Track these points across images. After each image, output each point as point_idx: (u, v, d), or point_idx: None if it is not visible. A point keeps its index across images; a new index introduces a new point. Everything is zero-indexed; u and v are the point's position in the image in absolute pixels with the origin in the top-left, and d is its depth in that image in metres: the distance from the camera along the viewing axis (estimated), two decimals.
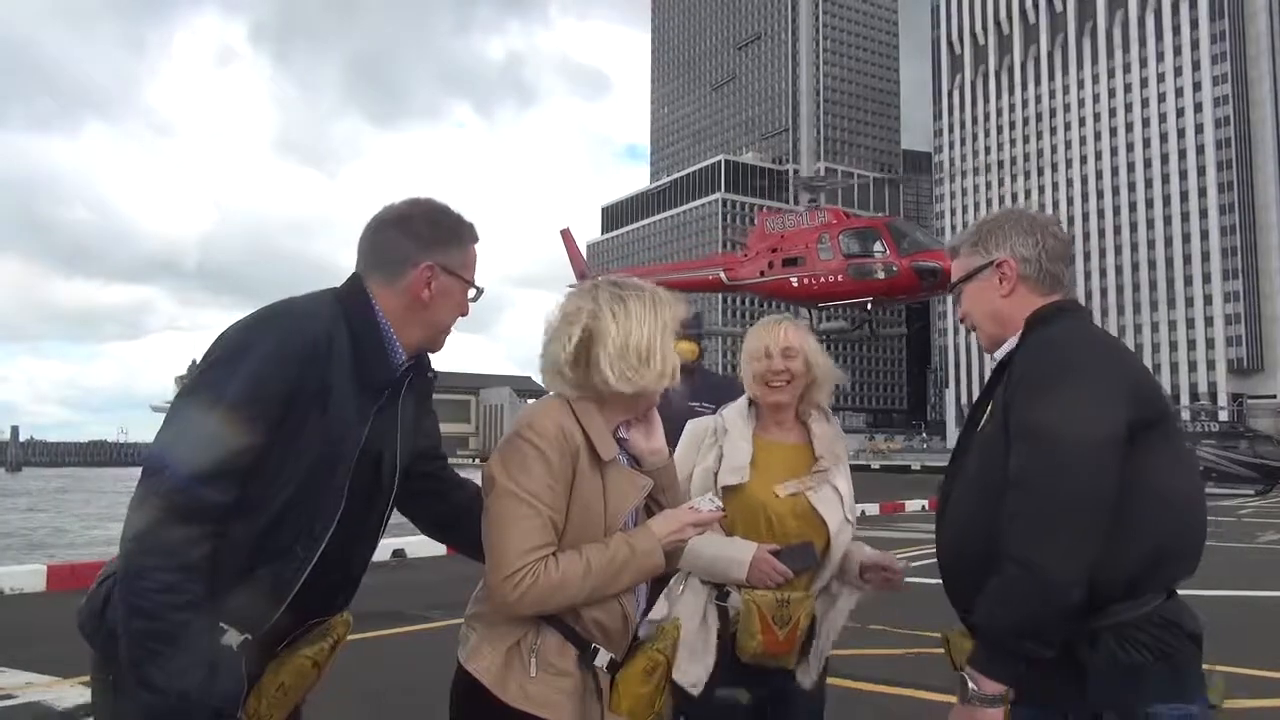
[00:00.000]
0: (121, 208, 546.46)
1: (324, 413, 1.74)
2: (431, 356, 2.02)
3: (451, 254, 1.91)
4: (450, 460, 2.31)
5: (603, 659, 1.89)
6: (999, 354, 1.95)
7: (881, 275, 36.98)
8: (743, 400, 2.66)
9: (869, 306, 39.00)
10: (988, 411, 1.89)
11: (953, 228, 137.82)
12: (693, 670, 2.37)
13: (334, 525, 1.78)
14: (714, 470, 2.52)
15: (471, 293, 1.96)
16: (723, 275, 43.28)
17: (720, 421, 2.62)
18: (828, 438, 2.61)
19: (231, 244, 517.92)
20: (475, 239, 1.97)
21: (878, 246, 37.55)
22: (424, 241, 1.88)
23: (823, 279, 37.98)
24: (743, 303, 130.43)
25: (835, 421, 2.70)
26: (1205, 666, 1.77)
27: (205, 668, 1.63)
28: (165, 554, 1.59)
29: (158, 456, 1.66)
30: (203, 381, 1.72)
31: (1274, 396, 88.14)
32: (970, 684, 1.64)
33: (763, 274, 41.39)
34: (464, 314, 1.98)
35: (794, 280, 39.21)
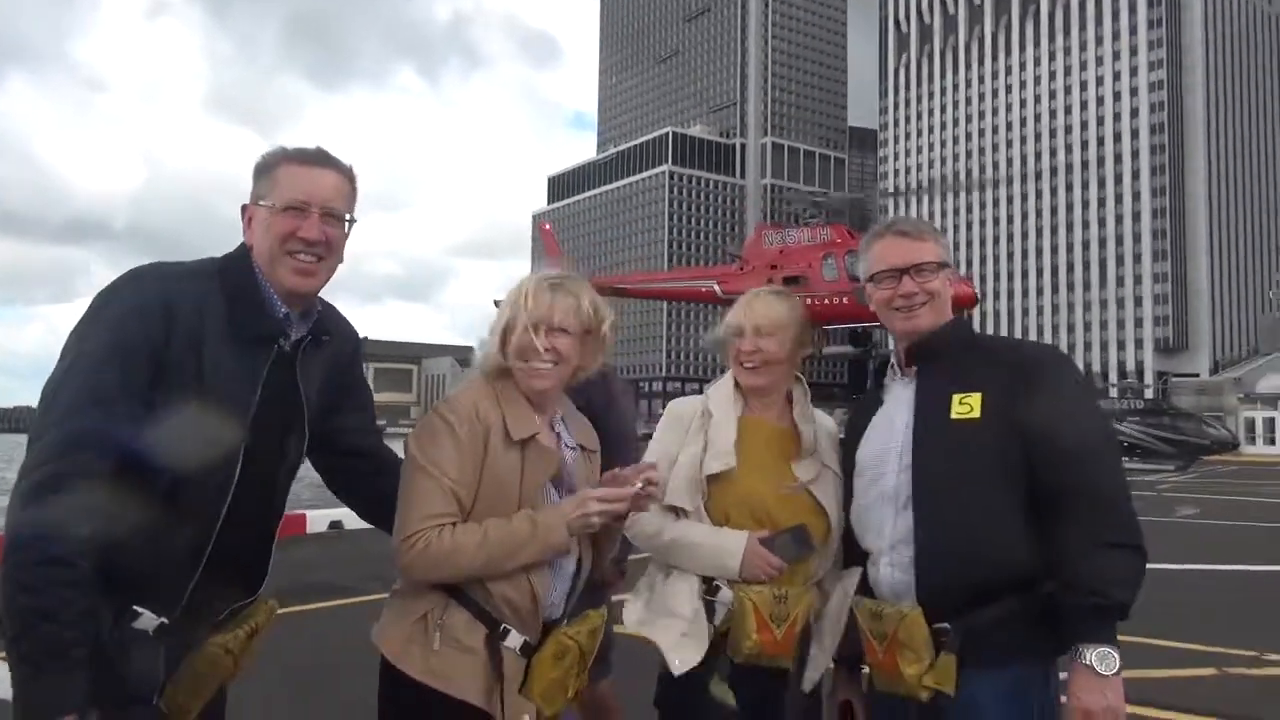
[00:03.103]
0: (49, 165, 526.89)
1: (200, 372, 1.69)
2: (370, 324, 2.01)
3: (260, 185, 1.84)
4: (392, 430, 2.26)
5: (515, 640, 1.90)
6: (905, 344, 2.15)
7: None
8: (728, 377, 2.46)
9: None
10: (971, 404, 1.99)
11: (897, 206, 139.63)
12: (684, 652, 2.20)
13: (231, 493, 1.73)
14: (700, 457, 2.32)
15: (271, 204, 1.81)
16: (716, 288, 41.61)
17: (705, 403, 2.42)
18: (810, 416, 2.42)
19: (163, 205, 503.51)
20: (293, 159, 1.85)
21: None
22: (251, 190, 1.86)
23: (826, 300, 35.62)
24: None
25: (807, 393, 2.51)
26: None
27: (88, 647, 1.54)
28: (49, 526, 1.53)
29: (36, 424, 1.61)
30: (67, 346, 1.68)
31: (1197, 375, 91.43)
32: (1114, 656, 1.79)
33: None
34: (290, 231, 1.81)
35: None
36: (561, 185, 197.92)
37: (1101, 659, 1.78)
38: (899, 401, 2.15)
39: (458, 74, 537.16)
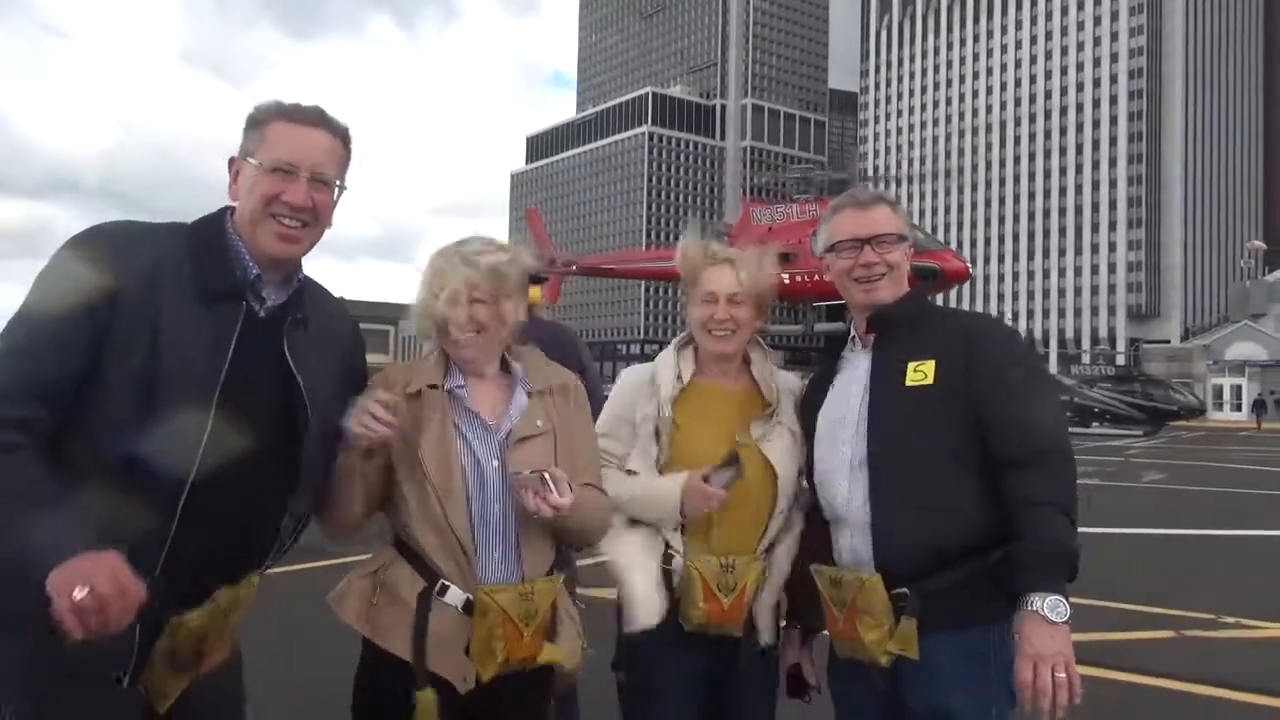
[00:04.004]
0: (11, 117, 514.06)
1: (155, 334, 1.60)
2: (345, 284, 1.98)
3: (249, 140, 1.75)
4: None
5: (456, 598, 1.92)
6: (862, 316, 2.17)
7: None
8: (676, 342, 2.43)
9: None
10: (925, 371, 2.02)
11: (876, 169, 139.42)
12: (642, 615, 2.20)
13: (196, 466, 1.62)
14: (655, 420, 2.31)
15: (258, 163, 1.72)
16: None
17: (653, 371, 2.39)
18: (771, 375, 2.37)
19: (136, 159, 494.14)
20: (287, 116, 1.76)
21: None
22: (240, 142, 1.78)
23: (816, 276, 34.60)
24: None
25: (770, 354, 2.47)
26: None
27: (56, 510, 1.48)
28: None
29: None
30: (21, 303, 1.65)
31: (1168, 342, 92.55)
32: (1064, 604, 1.80)
33: None
34: (275, 193, 1.71)
35: (785, 277, 37.72)
36: (540, 145, 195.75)
37: (1052, 607, 1.79)
38: (856, 371, 2.17)
39: (434, 24, 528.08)
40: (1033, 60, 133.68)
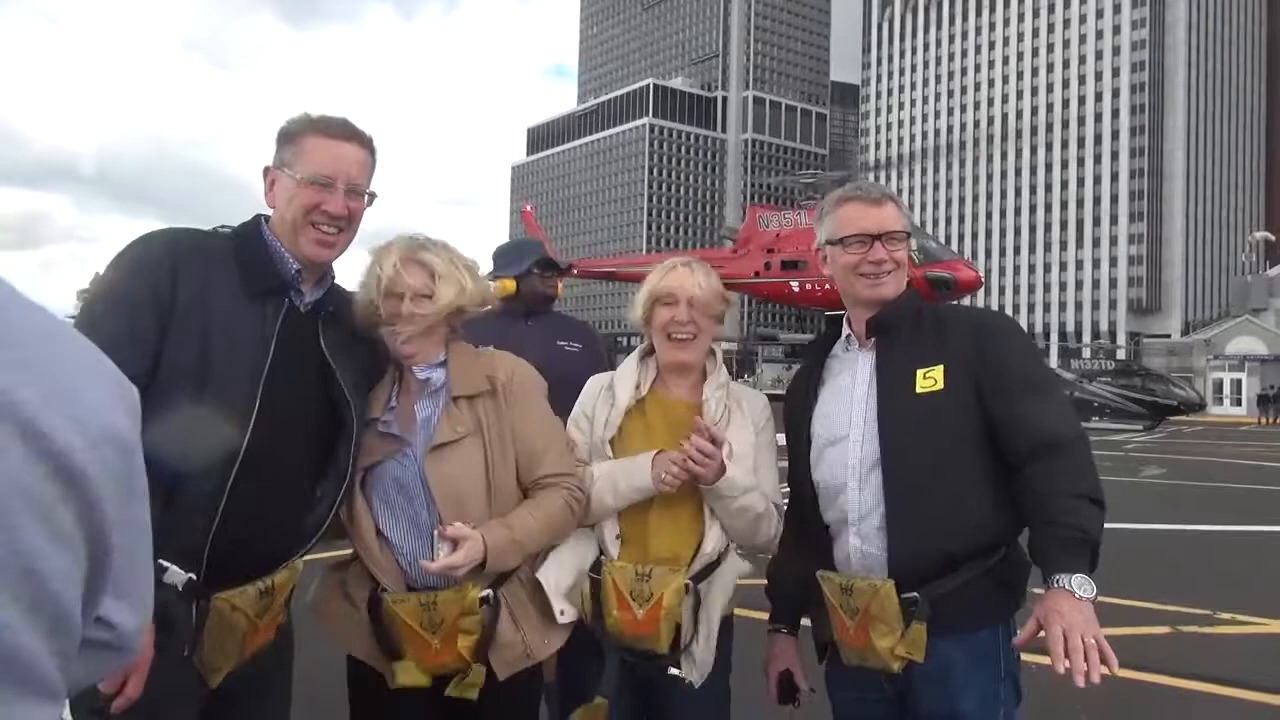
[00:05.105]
0: (3, 105, 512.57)
1: (207, 323, 1.74)
2: (342, 275, 2.00)
3: (284, 152, 1.90)
4: None
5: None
6: (865, 317, 2.12)
7: None
8: (637, 352, 2.38)
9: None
10: (935, 377, 2.00)
11: (877, 162, 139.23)
12: (557, 574, 2.16)
13: (244, 447, 1.74)
14: (603, 429, 2.27)
15: (297, 176, 1.85)
16: None
17: (612, 378, 2.35)
18: (720, 389, 2.31)
19: (133, 147, 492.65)
20: (320, 130, 1.90)
21: None
22: (275, 153, 1.92)
23: (826, 285, 35.08)
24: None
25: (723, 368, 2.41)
26: None
27: None
28: None
29: None
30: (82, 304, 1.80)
31: (1168, 336, 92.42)
32: (1090, 584, 1.79)
33: (758, 274, 39.16)
34: (315, 204, 1.86)
35: (794, 284, 37.41)
36: (541, 136, 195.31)
37: (1080, 584, 1.78)
38: (856, 374, 2.12)
39: (435, 14, 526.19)
40: (1035, 53, 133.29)
